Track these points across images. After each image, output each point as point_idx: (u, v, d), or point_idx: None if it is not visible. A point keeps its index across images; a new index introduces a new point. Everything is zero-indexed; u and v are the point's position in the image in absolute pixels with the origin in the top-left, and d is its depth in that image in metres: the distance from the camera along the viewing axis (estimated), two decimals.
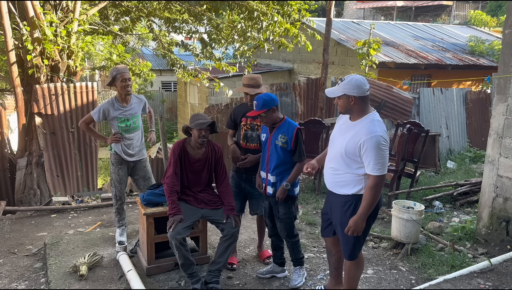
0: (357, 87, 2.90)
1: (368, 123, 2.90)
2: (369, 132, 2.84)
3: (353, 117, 3.01)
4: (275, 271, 3.99)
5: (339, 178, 3.05)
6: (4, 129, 6.80)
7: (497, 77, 4.68)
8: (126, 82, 4.13)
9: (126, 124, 4.26)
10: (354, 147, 2.89)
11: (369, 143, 2.82)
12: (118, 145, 4.28)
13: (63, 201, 6.28)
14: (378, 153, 2.82)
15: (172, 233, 3.47)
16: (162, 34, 9.76)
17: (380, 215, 5.79)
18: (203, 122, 3.64)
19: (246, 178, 4.05)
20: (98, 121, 4.26)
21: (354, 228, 2.94)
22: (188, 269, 3.60)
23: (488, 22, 22.53)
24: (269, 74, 15.44)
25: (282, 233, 3.77)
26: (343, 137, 3.01)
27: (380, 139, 2.82)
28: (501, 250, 4.43)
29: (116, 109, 4.21)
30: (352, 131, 2.95)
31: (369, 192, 2.88)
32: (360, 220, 2.92)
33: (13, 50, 6.43)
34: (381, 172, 2.85)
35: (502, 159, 4.52)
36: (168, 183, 3.67)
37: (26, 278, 4.02)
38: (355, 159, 2.93)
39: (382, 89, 9.96)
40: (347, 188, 3.02)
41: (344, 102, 2.96)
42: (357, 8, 29.75)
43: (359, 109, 2.95)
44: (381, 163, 2.84)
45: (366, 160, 2.87)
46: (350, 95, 2.91)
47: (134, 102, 4.31)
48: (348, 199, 3.03)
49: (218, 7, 8.16)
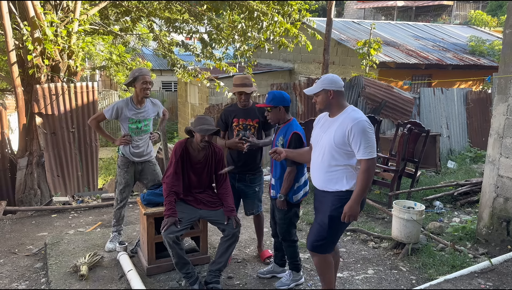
0: (334, 82, 3.09)
1: (351, 112, 3.07)
2: (354, 118, 3.00)
3: (332, 113, 3.15)
4: (275, 271, 3.98)
5: (333, 174, 3.09)
6: (5, 129, 6.80)
7: (497, 77, 4.68)
8: (147, 85, 4.10)
9: (137, 126, 4.22)
10: (343, 135, 3.00)
11: (356, 128, 2.96)
12: (126, 147, 4.24)
13: (63, 201, 6.28)
14: (365, 136, 2.96)
15: (166, 231, 3.49)
16: (162, 34, 9.76)
17: (380, 215, 5.79)
18: (207, 128, 3.61)
19: (240, 178, 4.04)
20: (110, 118, 4.21)
21: (350, 213, 3.01)
22: (183, 268, 3.59)
23: (488, 22, 22.52)
24: (270, 74, 15.44)
25: (279, 234, 3.78)
26: (328, 133, 3.11)
27: (365, 124, 2.98)
28: (502, 250, 4.43)
29: (130, 109, 4.18)
30: (336, 123, 3.08)
31: (362, 176, 2.98)
32: (355, 204, 2.99)
33: (14, 50, 6.44)
34: (372, 155, 2.97)
35: (502, 159, 4.51)
36: (167, 183, 3.67)
37: (27, 278, 4.03)
38: (345, 148, 3.02)
39: (382, 89, 9.95)
40: (341, 184, 3.07)
41: (323, 98, 3.12)
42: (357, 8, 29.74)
43: (337, 103, 3.11)
44: (370, 146, 2.97)
45: (356, 146, 2.98)
46: (329, 90, 3.08)
47: (148, 105, 4.28)
48: (342, 195, 3.06)
49: (219, 7, 8.16)
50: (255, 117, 4.01)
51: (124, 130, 4.25)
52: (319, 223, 3.18)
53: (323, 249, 3.18)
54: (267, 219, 5.45)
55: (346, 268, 4.23)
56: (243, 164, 3.99)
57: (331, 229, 3.12)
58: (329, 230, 3.12)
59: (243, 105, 4.00)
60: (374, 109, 9.75)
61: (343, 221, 3.04)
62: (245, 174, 4.03)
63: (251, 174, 4.06)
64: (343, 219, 3.03)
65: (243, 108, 4.02)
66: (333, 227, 3.11)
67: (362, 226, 5.29)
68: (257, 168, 4.09)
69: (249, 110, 4.02)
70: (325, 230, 3.12)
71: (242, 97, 3.95)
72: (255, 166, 4.06)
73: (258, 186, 4.12)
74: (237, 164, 3.98)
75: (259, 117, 4.00)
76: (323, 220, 3.13)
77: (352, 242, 4.87)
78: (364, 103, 9.74)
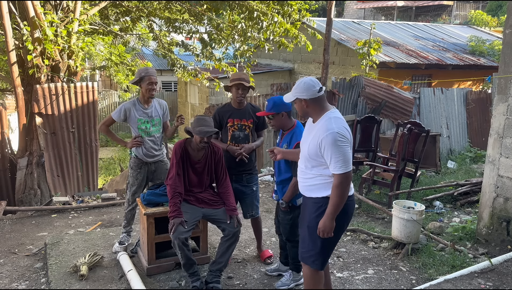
0: (305, 90, 2.91)
1: (325, 121, 2.88)
2: (326, 129, 2.82)
3: (314, 119, 3.00)
4: (281, 269, 4.00)
5: (309, 182, 3.00)
6: (5, 129, 6.80)
7: (497, 77, 4.68)
8: (153, 85, 4.10)
9: (146, 126, 4.20)
10: (315, 147, 2.86)
11: (326, 140, 2.79)
12: (138, 148, 4.23)
13: (63, 201, 6.28)
14: (336, 150, 2.77)
15: (175, 233, 3.49)
16: (162, 34, 9.77)
17: (380, 215, 5.79)
18: (206, 130, 3.61)
19: (237, 179, 4.04)
20: (119, 121, 4.21)
21: (323, 229, 2.86)
22: (190, 269, 3.62)
23: (488, 22, 22.51)
24: (270, 74, 15.43)
25: (283, 234, 3.78)
26: (306, 139, 3.00)
27: (336, 136, 2.77)
28: (502, 250, 4.42)
29: (138, 109, 4.17)
30: (313, 132, 2.93)
31: (334, 192, 2.82)
32: (328, 220, 2.84)
33: (14, 50, 6.44)
34: (343, 170, 2.78)
35: (502, 159, 4.51)
36: (171, 184, 3.67)
37: (27, 278, 4.03)
38: (318, 160, 2.89)
39: (382, 89, 9.96)
40: (317, 191, 2.95)
41: (298, 106, 2.99)
42: (357, 8, 29.73)
43: (314, 110, 2.95)
44: (342, 161, 2.77)
45: (327, 159, 2.82)
46: (302, 99, 2.93)
47: (155, 105, 4.27)
48: (319, 202, 2.95)
49: (219, 7, 8.16)
50: (250, 117, 4.03)
51: (134, 132, 4.24)
52: (301, 235, 3.09)
53: (311, 261, 3.04)
54: (266, 219, 5.46)
55: (346, 268, 4.23)
56: (239, 164, 4.00)
57: (312, 241, 2.98)
58: (310, 242, 2.99)
59: (239, 101, 3.99)
60: (374, 109, 9.75)
61: (318, 234, 2.91)
62: (241, 175, 4.04)
63: (248, 174, 4.08)
64: (318, 234, 2.91)
65: (237, 108, 4.02)
66: (313, 238, 2.97)
67: (362, 226, 5.29)
68: (253, 167, 4.13)
69: (244, 110, 4.03)
70: (307, 242, 3.01)
71: (239, 91, 3.93)
72: (251, 165, 4.09)
73: (255, 185, 4.15)
74: (232, 165, 3.99)
75: (254, 117, 4.03)
76: (304, 232, 3.04)
77: (352, 242, 4.87)
78: (364, 103, 9.75)
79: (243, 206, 4.14)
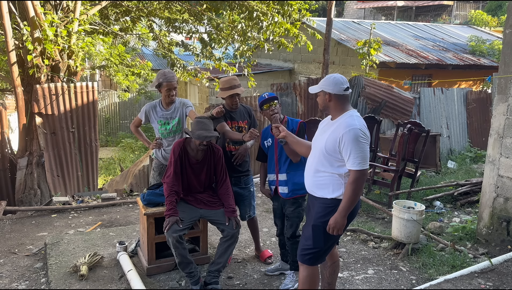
0: (333, 84, 2.94)
1: (347, 118, 2.92)
2: (347, 125, 2.85)
3: (333, 116, 3.03)
4: (283, 268, 3.99)
5: (319, 180, 3.00)
6: (5, 129, 6.80)
7: (497, 77, 4.68)
8: (171, 91, 4.07)
9: (166, 127, 4.17)
10: (334, 142, 2.88)
11: (347, 136, 2.81)
12: (158, 151, 4.22)
13: (63, 201, 6.28)
14: (357, 146, 2.80)
15: (169, 231, 3.49)
16: (162, 34, 9.77)
17: (380, 215, 5.79)
18: (206, 135, 3.58)
19: (236, 181, 4.03)
20: (145, 121, 4.23)
21: (334, 226, 2.88)
22: (186, 268, 3.59)
23: (488, 22, 22.50)
24: (270, 74, 15.43)
25: (287, 231, 3.75)
26: (323, 136, 3.01)
27: (359, 132, 2.82)
28: (502, 250, 4.42)
29: (158, 111, 4.17)
30: (332, 128, 2.96)
31: (349, 188, 2.83)
32: (340, 217, 2.86)
33: (14, 50, 6.44)
34: (361, 167, 2.81)
35: (502, 159, 4.51)
36: (168, 182, 3.66)
37: (27, 278, 4.02)
38: (335, 156, 2.90)
39: (382, 89, 9.95)
40: (326, 191, 2.95)
41: (321, 99, 3.03)
42: (357, 8, 29.73)
43: (335, 106, 2.98)
44: (361, 157, 2.80)
45: (346, 155, 2.84)
46: (327, 92, 2.96)
47: (177, 105, 4.21)
48: (327, 203, 2.95)
49: (219, 7, 8.16)
50: (245, 118, 4.04)
51: (157, 135, 4.25)
52: (305, 234, 3.09)
53: (306, 259, 3.04)
54: (266, 219, 5.46)
55: (346, 268, 4.23)
56: (237, 167, 4.00)
57: (316, 241, 2.99)
58: (312, 241, 2.99)
59: (235, 107, 3.98)
60: (374, 109, 9.75)
61: (328, 232, 2.93)
62: (240, 177, 4.04)
63: (245, 176, 4.09)
64: (328, 231, 2.91)
65: (233, 110, 3.99)
66: (317, 238, 2.98)
67: (362, 226, 5.29)
68: (248, 168, 4.15)
69: (239, 112, 4.02)
70: (309, 240, 3.01)
71: (234, 99, 3.91)
72: (246, 166, 4.11)
73: (252, 186, 4.17)
74: (230, 167, 3.97)
75: (248, 118, 4.06)
76: (308, 231, 3.04)
77: (352, 242, 4.87)
78: (364, 103, 9.74)
79: (241, 208, 4.13)
